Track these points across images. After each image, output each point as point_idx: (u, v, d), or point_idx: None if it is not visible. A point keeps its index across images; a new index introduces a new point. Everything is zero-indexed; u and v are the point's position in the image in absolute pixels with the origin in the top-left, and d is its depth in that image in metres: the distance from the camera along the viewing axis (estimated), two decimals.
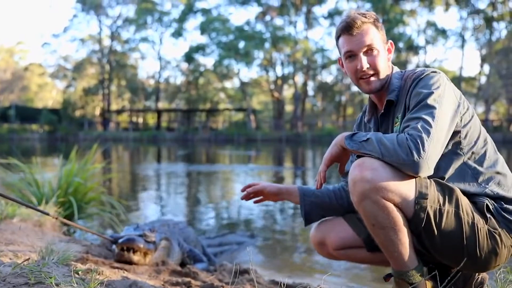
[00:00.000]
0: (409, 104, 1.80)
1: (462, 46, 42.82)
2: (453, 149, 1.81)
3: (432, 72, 1.82)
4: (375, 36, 1.89)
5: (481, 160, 1.83)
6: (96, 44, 50.77)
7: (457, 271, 1.77)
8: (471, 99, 42.84)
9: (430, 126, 1.64)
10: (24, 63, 60.17)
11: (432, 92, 1.73)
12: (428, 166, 1.62)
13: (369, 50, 1.89)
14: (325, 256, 2.25)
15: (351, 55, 1.91)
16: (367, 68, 1.89)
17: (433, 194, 1.70)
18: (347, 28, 1.89)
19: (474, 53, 63.09)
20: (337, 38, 1.95)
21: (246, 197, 2.23)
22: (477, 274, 1.95)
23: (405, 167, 1.63)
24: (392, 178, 1.65)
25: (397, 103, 1.91)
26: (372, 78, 1.91)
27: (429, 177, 1.74)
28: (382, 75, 1.91)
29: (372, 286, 3.32)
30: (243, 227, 5.45)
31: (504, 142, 30.22)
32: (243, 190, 2.22)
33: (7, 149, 20.28)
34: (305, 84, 46.53)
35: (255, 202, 2.26)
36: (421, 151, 1.60)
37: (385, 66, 1.93)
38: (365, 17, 1.89)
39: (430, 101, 1.71)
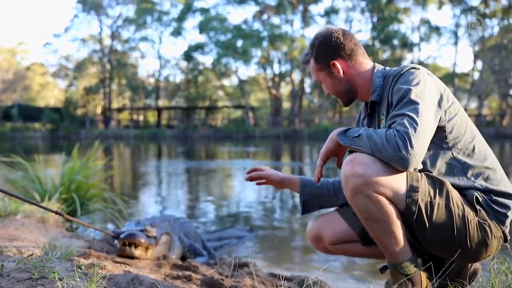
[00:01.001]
0: (391, 101, 1.81)
1: (456, 43, 43.30)
2: (439, 144, 1.82)
3: (411, 68, 1.84)
4: (317, 69, 2.04)
5: (469, 155, 1.84)
6: (97, 43, 50.84)
7: (451, 262, 1.80)
8: (464, 95, 43.36)
9: (416, 122, 1.65)
10: (26, 63, 60.08)
11: (413, 88, 1.74)
12: (416, 161, 1.64)
13: (319, 82, 2.08)
14: (321, 251, 2.28)
15: None
16: (328, 94, 2.09)
17: (424, 187, 1.73)
18: None
19: (467, 49, 63.31)
20: None
21: (250, 179, 2.25)
22: (470, 264, 1.97)
23: (394, 163, 1.66)
24: (383, 173, 1.68)
25: (381, 102, 1.93)
26: (339, 99, 2.08)
27: (419, 171, 1.76)
28: (339, 95, 2.06)
29: (369, 278, 3.34)
30: (242, 222, 5.48)
31: (497, 137, 30.49)
32: (248, 173, 2.25)
33: (10, 147, 20.28)
34: (302, 82, 46.55)
35: (258, 184, 2.29)
36: (409, 147, 1.62)
37: (339, 88, 2.04)
38: (309, 49, 2.05)
39: (412, 96, 1.72)
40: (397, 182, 1.70)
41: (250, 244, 4.37)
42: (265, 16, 45.67)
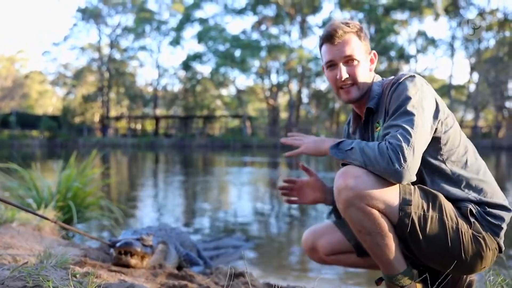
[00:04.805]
0: (388, 109, 1.80)
1: (452, 55, 43.83)
2: (434, 155, 1.82)
3: (410, 76, 1.82)
4: (356, 46, 1.91)
5: (463, 167, 1.84)
6: (95, 52, 51.01)
7: (447, 273, 1.79)
8: (460, 107, 43.96)
9: (410, 134, 1.65)
10: (25, 71, 60.16)
11: (410, 98, 1.73)
12: (409, 173, 1.64)
13: (350, 61, 1.91)
14: (317, 261, 2.29)
15: (331, 65, 1.94)
16: (346, 78, 1.92)
17: (417, 200, 1.73)
18: (329, 38, 1.91)
19: (464, 61, 63.96)
20: (320, 46, 1.98)
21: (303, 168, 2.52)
22: (465, 276, 1.97)
23: (387, 176, 1.66)
24: (376, 185, 1.68)
25: (377, 110, 1.91)
26: (351, 88, 1.94)
27: (412, 184, 1.76)
28: (362, 85, 1.94)
29: None
30: (238, 231, 5.47)
31: (493, 148, 30.80)
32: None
33: (8, 154, 20.22)
34: (299, 92, 46.98)
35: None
36: (402, 161, 1.62)
37: (365, 76, 1.95)
38: (348, 26, 1.91)
39: (409, 107, 1.71)
40: (390, 195, 1.70)
41: (246, 253, 4.35)
42: (263, 27, 46.06)
